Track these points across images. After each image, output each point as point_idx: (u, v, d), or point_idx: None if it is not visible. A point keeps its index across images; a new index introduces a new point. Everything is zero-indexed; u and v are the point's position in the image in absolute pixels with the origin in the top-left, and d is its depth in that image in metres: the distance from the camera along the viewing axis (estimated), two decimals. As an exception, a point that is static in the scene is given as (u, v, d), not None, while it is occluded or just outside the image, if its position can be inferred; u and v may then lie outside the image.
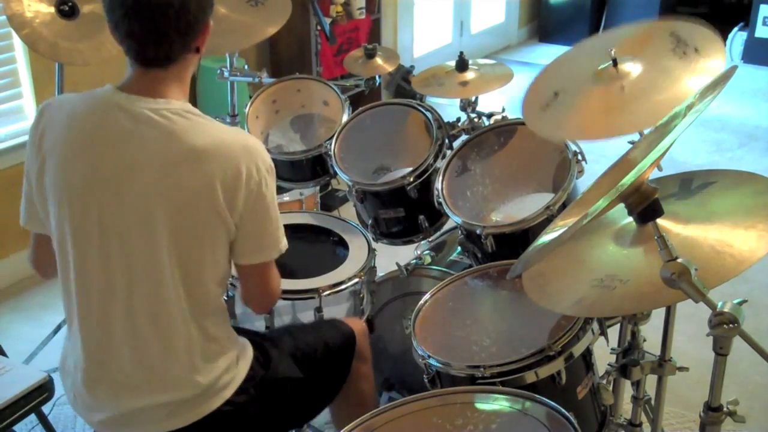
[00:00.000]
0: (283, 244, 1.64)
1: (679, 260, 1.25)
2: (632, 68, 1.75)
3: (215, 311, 1.63)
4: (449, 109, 2.69)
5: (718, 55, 1.67)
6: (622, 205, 1.38)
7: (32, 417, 2.12)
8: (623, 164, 1.52)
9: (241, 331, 1.79)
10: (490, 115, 2.44)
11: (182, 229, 1.51)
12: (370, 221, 2.42)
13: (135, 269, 1.53)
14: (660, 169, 1.63)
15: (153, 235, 1.51)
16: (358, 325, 2.00)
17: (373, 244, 2.32)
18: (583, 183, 1.88)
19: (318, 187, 3.01)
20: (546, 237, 1.53)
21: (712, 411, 1.50)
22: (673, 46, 1.73)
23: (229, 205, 1.52)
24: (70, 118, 1.54)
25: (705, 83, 1.49)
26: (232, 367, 1.65)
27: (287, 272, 1.93)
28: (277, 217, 1.61)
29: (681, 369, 1.86)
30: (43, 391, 1.91)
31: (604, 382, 1.87)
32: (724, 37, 5.94)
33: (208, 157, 1.49)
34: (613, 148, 1.66)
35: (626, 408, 2.07)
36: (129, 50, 1.51)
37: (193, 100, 4.03)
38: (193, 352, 1.58)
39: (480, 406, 1.48)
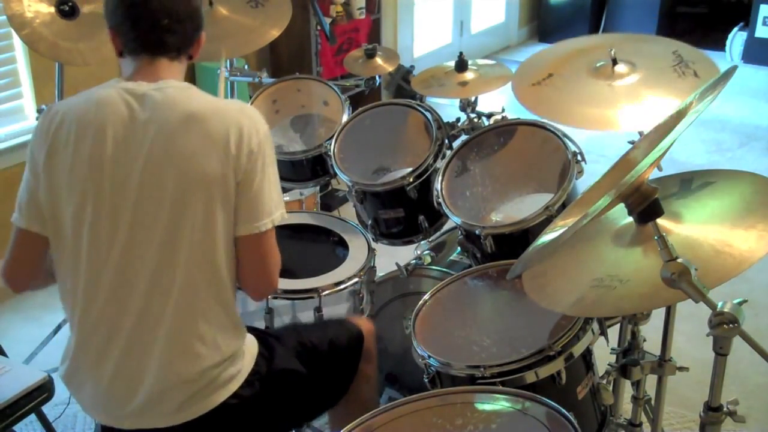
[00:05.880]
0: (278, 215, 1.63)
1: (679, 260, 1.25)
2: (629, 71, 1.77)
3: (227, 300, 1.63)
4: (449, 109, 2.69)
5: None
6: (622, 205, 1.38)
7: (32, 417, 2.12)
8: (623, 164, 1.52)
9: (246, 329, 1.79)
10: (489, 115, 2.45)
11: (191, 193, 1.54)
12: (369, 221, 2.42)
13: (147, 248, 1.55)
14: (660, 169, 1.63)
15: (163, 206, 1.54)
16: (366, 325, 1.98)
17: (373, 244, 2.32)
18: (583, 183, 1.88)
19: (318, 187, 3.01)
20: (546, 237, 1.53)
21: (712, 411, 1.50)
22: (675, 63, 1.76)
23: (236, 162, 1.56)
24: (82, 110, 1.59)
25: (704, 85, 1.49)
26: (239, 357, 1.66)
27: (287, 272, 1.93)
28: (274, 185, 1.63)
29: (681, 369, 1.86)
30: (43, 391, 1.90)
31: (604, 382, 1.87)
32: (724, 37, 5.94)
33: (209, 118, 1.57)
34: (613, 148, 1.66)
35: (626, 408, 2.07)
36: (145, 39, 1.61)
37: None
38: (203, 334, 1.59)
39: (480, 406, 1.48)
